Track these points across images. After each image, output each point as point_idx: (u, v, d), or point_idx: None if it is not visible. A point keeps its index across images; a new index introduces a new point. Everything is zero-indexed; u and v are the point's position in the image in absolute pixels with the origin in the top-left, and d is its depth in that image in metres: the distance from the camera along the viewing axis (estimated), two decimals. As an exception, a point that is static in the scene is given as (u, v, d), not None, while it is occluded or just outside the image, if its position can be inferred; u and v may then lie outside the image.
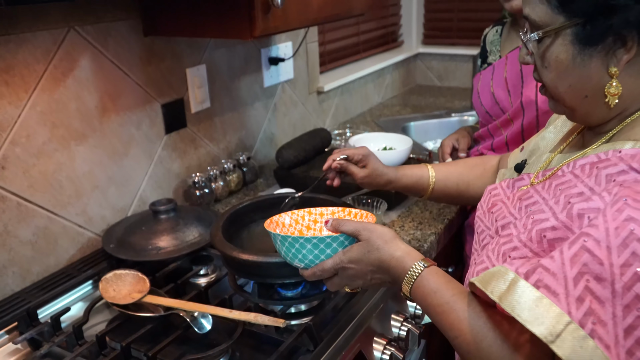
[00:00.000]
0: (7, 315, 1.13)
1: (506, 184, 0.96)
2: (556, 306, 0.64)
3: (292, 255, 0.89)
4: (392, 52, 2.89)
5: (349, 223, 0.88)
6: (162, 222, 1.32)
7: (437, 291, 0.78)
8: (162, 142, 1.54)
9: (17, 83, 1.18)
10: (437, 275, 0.80)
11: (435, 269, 0.81)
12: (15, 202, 1.21)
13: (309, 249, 0.87)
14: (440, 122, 2.40)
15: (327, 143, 1.77)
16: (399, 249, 0.84)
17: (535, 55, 0.80)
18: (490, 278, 0.71)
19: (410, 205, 1.56)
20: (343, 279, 0.89)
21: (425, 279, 0.80)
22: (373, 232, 0.85)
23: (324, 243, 0.86)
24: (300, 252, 0.87)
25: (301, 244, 0.86)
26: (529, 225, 0.78)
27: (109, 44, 1.35)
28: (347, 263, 0.86)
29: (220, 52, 1.68)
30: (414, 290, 0.81)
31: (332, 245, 0.87)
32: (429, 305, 0.79)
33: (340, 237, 0.87)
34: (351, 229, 0.87)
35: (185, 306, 1.04)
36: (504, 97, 1.38)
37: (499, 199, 0.94)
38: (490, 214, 0.93)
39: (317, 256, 0.87)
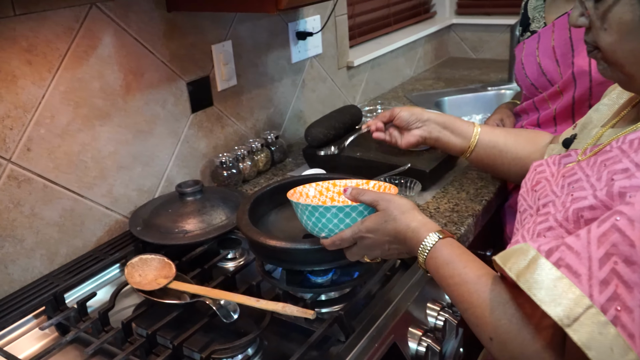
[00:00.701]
0: (35, 300, 1.12)
1: (552, 160, 0.89)
2: (576, 287, 0.59)
3: (313, 224, 0.91)
4: (424, 24, 2.79)
5: (368, 193, 0.88)
6: (189, 204, 1.28)
7: (450, 262, 0.78)
8: (188, 121, 1.51)
9: (40, 62, 1.15)
10: (451, 247, 0.80)
11: (450, 240, 0.81)
12: (41, 184, 1.19)
13: (329, 217, 0.88)
14: (476, 96, 2.31)
15: (358, 120, 1.71)
16: (416, 220, 0.84)
17: (593, 16, 0.72)
18: (511, 255, 0.67)
19: (445, 185, 1.49)
20: (361, 248, 0.89)
21: (439, 250, 0.80)
22: (391, 202, 0.86)
23: (343, 212, 0.88)
24: (320, 220, 0.89)
25: (321, 212, 0.88)
26: (567, 204, 0.72)
27: (132, 20, 1.30)
28: (364, 232, 0.87)
29: (246, 27, 1.63)
30: (428, 262, 0.81)
31: (351, 215, 0.88)
32: (442, 276, 0.79)
33: (360, 206, 0.88)
34: (370, 198, 0.87)
35: (211, 293, 1.00)
36: (552, 67, 1.29)
37: (544, 176, 0.88)
38: (533, 192, 0.87)
39: (337, 225, 0.89)
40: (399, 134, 1.24)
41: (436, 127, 1.20)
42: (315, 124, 1.59)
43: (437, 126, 1.20)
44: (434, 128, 1.21)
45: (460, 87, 2.39)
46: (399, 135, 1.24)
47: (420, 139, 1.22)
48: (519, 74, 1.40)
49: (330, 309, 1.07)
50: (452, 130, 1.20)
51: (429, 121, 1.20)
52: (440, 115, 1.21)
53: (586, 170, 0.76)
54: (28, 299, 1.12)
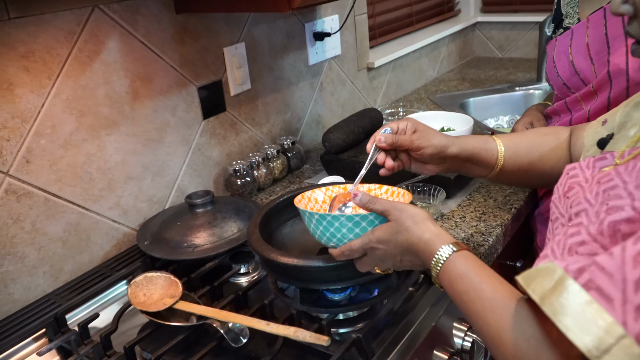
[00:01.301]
0: (36, 320, 1.06)
1: (586, 163, 0.80)
2: (608, 314, 0.51)
3: (320, 233, 0.87)
4: (448, 22, 2.69)
5: (380, 201, 0.83)
6: (199, 216, 1.22)
7: (464, 277, 0.73)
8: (200, 128, 1.44)
9: (39, 69, 1.09)
10: (466, 260, 0.74)
11: (465, 253, 0.76)
12: (42, 197, 1.13)
13: (337, 227, 0.84)
14: (502, 97, 2.20)
15: (378, 124, 1.62)
16: (429, 231, 0.79)
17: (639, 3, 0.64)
18: (536, 275, 0.59)
19: (471, 192, 1.40)
20: (372, 259, 0.85)
21: (453, 264, 0.75)
22: (403, 211, 0.81)
23: (353, 222, 0.83)
24: (328, 230, 0.85)
25: (329, 221, 0.84)
26: (601, 214, 0.63)
27: (138, 22, 1.24)
28: (375, 243, 0.82)
29: (260, 28, 1.55)
30: (441, 276, 0.76)
31: (361, 224, 0.83)
32: (455, 292, 0.74)
33: (370, 215, 0.83)
34: (381, 207, 0.82)
35: (219, 315, 0.93)
36: (585, 66, 1.19)
37: (577, 181, 0.78)
38: (565, 199, 0.78)
39: (346, 235, 0.84)
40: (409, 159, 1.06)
41: (458, 162, 1.06)
42: (333, 128, 1.52)
43: (459, 161, 1.06)
44: (455, 163, 1.06)
45: (486, 88, 2.29)
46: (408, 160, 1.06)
47: (434, 173, 1.07)
48: (550, 73, 1.30)
49: (349, 329, 0.99)
50: (475, 162, 1.06)
51: (450, 159, 1.04)
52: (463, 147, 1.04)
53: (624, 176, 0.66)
54: (29, 320, 1.06)
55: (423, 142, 1.01)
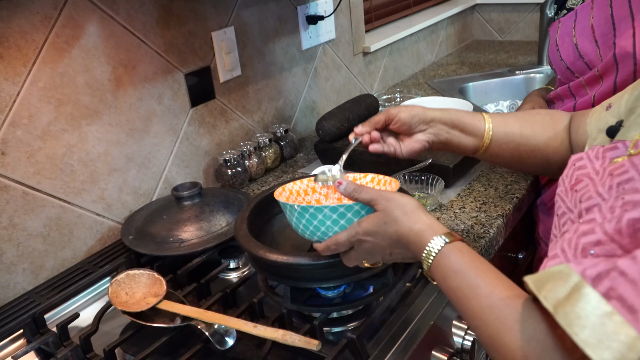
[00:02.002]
0: (14, 320, 1.01)
1: (594, 153, 0.73)
2: (631, 327, 0.46)
3: (304, 227, 0.81)
4: (447, 5, 2.62)
5: (366, 190, 0.78)
6: (186, 209, 1.16)
7: (459, 271, 0.68)
8: (188, 117, 1.38)
9: (13, 55, 1.03)
10: (460, 253, 0.69)
11: (459, 245, 0.71)
12: (20, 191, 1.07)
13: (321, 219, 0.78)
14: (503, 81, 2.14)
15: (374, 110, 1.56)
16: (420, 221, 0.73)
17: None
18: (548, 279, 0.54)
19: (471, 181, 1.34)
20: (360, 253, 0.79)
21: (446, 257, 0.70)
22: (391, 201, 0.75)
23: (337, 213, 0.78)
24: (312, 223, 0.79)
25: (312, 214, 0.78)
26: (617, 210, 0.57)
27: (120, 6, 1.18)
28: (362, 235, 0.77)
29: (250, 11, 1.49)
30: (433, 270, 0.71)
31: (347, 216, 0.78)
32: (449, 287, 0.69)
33: (355, 205, 0.78)
34: (367, 197, 0.77)
35: (203, 316, 0.88)
36: (590, 49, 1.13)
37: (585, 173, 0.72)
38: (573, 193, 0.72)
39: (330, 227, 0.79)
40: (397, 140, 0.99)
41: (443, 127, 0.97)
42: (327, 116, 1.46)
43: (444, 127, 0.97)
44: (441, 129, 0.98)
45: (485, 72, 2.22)
46: (397, 142, 0.99)
47: (425, 144, 0.98)
48: (553, 56, 1.24)
49: (343, 328, 0.94)
50: (461, 128, 0.98)
51: (434, 121, 0.97)
52: (445, 112, 0.98)
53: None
54: (7, 320, 1.01)
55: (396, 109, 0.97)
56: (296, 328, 0.91)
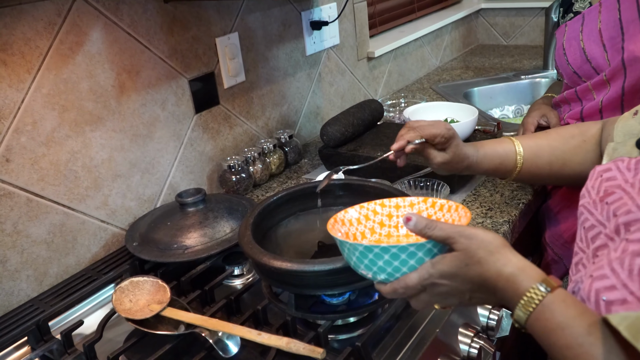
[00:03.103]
0: (18, 327, 1.00)
1: (625, 165, 0.71)
2: None
3: (366, 267, 0.71)
4: (451, 10, 2.61)
5: (440, 226, 0.67)
6: (190, 215, 1.15)
7: (567, 327, 0.59)
8: (192, 122, 1.37)
9: (17, 62, 1.03)
10: (564, 304, 0.60)
11: (562, 293, 0.62)
12: (24, 198, 1.07)
13: (387, 260, 0.68)
14: (508, 85, 2.13)
15: (379, 116, 1.56)
16: (510, 264, 0.64)
17: None
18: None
19: (477, 187, 1.33)
20: (432, 296, 0.70)
21: (549, 309, 0.61)
22: (473, 239, 0.66)
23: (407, 253, 0.68)
24: (376, 263, 0.69)
25: (376, 254, 0.68)
26: None
27: (123, 12, 1.18)
28: (437, 278, 0.68)
29: (254, 17, 1.49)
30: (533, 322, 0.62)
31: (417, 255, 0.68)
32: (554, 344, 0.60)
33: (428, 244, 0.68)
34: (443, 234, 0.67)
35: (207, 324, 0.87)
36: (598, 53, 1.12)
37: (616, 184, 0.70)
38: (604, 205, 0.69)
39: (398, 268, 0.69)
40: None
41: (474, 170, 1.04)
42: (332, 121, 1.45)
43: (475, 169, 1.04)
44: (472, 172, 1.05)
45: (490, 77, 2.22)
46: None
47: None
48: (560, 60, 1.23)
49: (348, 335, 0.94)
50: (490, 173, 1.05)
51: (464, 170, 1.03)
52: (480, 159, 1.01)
53: None
54: (11, 327, 1.00)
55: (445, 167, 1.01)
56: (300, 336, 0.90)
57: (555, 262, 1.29)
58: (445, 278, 0.68)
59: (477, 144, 1.03)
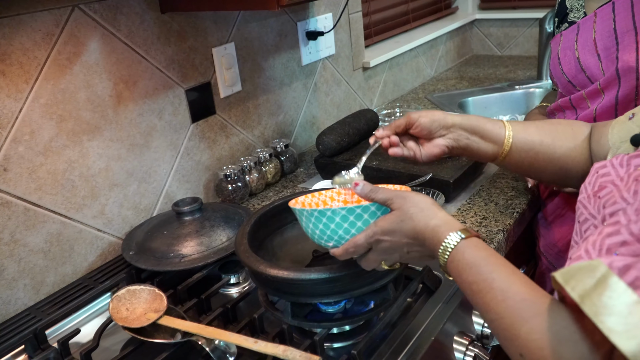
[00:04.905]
0: (15, 336, 1.00)
1: (618, 161, 0.73)
2: None
3: (320, 232, 0.80)
4: (445, 20, 2.64)
5: (382, 190, 0.78)
6: (186, 224, 1.16)
7: (474, 266, 0.69)
8: (189, 132, 1.38)
9: (15, 73, 1.04)
10: (476, 248, 0.70)
11: (475, 240, 0.71)
12: (22, 207, 1.07)
13: (338, 222, 0.78)
14: (502, 95, 2.15)
15: (374, 125, 1.57)
16: (436, 217, 0.74)
17: None
18: (576, 272, 0.54)
19: (471, 196, 1.34)
20: (378, 253, 0.79)
21: (461, 252, 0.70)
22: (407, 199, 0.76)
23: (354, 214, 0.78)
24: (329, 227, 0.79)
25: (329, 217, 0.78)
26: None
27: (121, 23, 1.19)
28: (380, 235, 0.77)
29: (250, 27, 1.50)
30: (449, 265, 0.72)
31: (363, 217, 0.78)
32: (464, 282, 0.70)
33: (372, 206, 0.78)
34: (383, 197, 0.78)
35: (204, 332, 0.87)
36: (592, 62, 1.13)
37: (609, 180, 0.72)
38: (597, 199, 0.72)
39: (348, 230, 0.79)
40: (417, 144, 1.02)
41: (463, 133, 0.99)
42: (327, 131, 1.46)
43: (464, 132, 0.99)
44: (461, 135, 0.99)
45: (485, 87, 2.24)
46: (417, 147, 1.01)
47: (445, 149, 1.00)
48: (555, 69, 1.24)
49: (344, 343, 0.94)
50: (481, 135, 0.99)
51: (455, 127, 0.99)
52: (465, 118, 1.00)
53: None
54: (8, 335, 1.01)
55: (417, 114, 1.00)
56: (297, 344, 0.91)
57: (550, 271, 1.30)
58: (386, 234, 0.76)
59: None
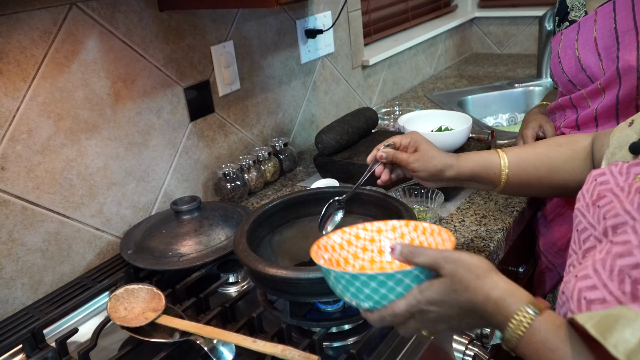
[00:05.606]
0: (13, 335, 1.00)
1: (618, 169, 0.72)
2: None
3: (352, 295, 0.69)
4: (445, 18, 2.63)
5: (425, 252, 0.67)
6: (185, 223, 1.16)
7: (558, 348, 0.59)
8: (187, 130, 1.38)
9: (12, 71, 1.03)
10: (554, 327, 0.60)
11: (550, 315, 0.62)
12: (19, 206, 1.07)
13: (374, 288, 0.67)
14: (502, 94, 2.15)
15: (373, 124, 1.56)
16: (497, 287, 0.64)
17: None
18: (612, 324, 0.51)
19: (471, 195, 1.34)
20: (421, 323, 0.69)
21: (539, 332, 0.60)
22: (459, 264, 0.66)
23: (393, 280, 0.67)
24: (362, 291, 0.68)
25: (363, 282, 0.67)
26: None
27: (119, 21, 1.18)
28: (425, 305, 0.67)
29: (249, 25, 1.50)
30: (523, 345, 0.62)
31: (404, 282, 0.67)
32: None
33: (415, 270, 0.67)
34: (429, 260, 0.67)
35: (202, 331, 0.87)
36: (593, 62, 1.13)
37: (608, 188, 0.71)
38: (596, 208, 0.70)
39: (385, 296, 0.68)
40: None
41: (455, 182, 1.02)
42: (326, 129, 1.46)
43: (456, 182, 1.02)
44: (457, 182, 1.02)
45: (484, 85, 2.23)
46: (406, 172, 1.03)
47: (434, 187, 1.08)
48: (555, 68, 1.24)
49: (343, 343, 0.94)
50: (476, 181, 1.01)
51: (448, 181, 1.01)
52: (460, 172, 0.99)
53: None
54: (6, 335, 1.00)
55: (418, 166, 0.98)
56: (296, 343, 0.91)
57: (549, 269, 1.30)
58: (433, 304, 0.67)
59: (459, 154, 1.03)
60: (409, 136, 1.01)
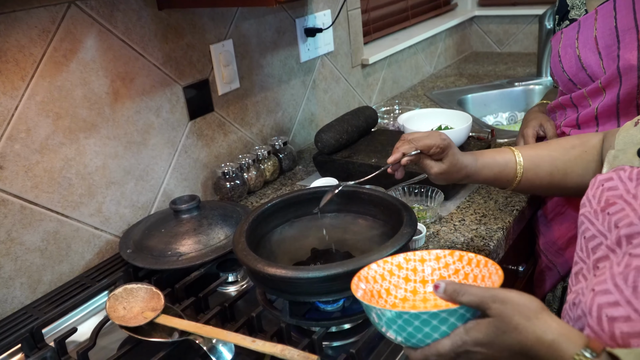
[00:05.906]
0: (12, 335, 1.00)
1: (627, 174, 0.70)
2: None
3: (394, 332, 0.67)
4: (445, 17, 2.63)
5: (471, 291, 0.64)
6: (184, 222, 1.15)
7: None
8: (186, 129, 1.38)
9: (11, 70, 1.03)
10: None
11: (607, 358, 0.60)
12: (18, 205, 1.07)
13: (417, 326, 0.65)
14: (502, 92, 2.14)
15: (373, 123, 1.56)
16: (550, 330, 0.61)
17: None
18: None
19: (471, 193, 1.34)
20: None
21: None
22: (507, 304, 0.63)
23: (438, 319, 0.64)
24: (405, 329, 0.66)
25: (405, 320, 0.65)
26: None
27: (117, 19, 1.18)
28: (471, 346, 0.64)
29: (248, 24, 1.49)
30: None
31: (449, 321, 0.65)
32: None
33: (460, 309, 0.65)
34: (475, 300, 0.64)
35: (201, 331, 0.87)
36: (593, 60, 1.12)
37: (618, 194, 0.69)
38: (605, 215, 0.69)
39: (429, 335, 0.65)
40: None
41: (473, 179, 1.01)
42: (326, 128, 1.45)
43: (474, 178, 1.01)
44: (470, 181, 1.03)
45: (484, 84, 2.23)
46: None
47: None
48: (555, 67, 1.24)
49: (342, 342, 0.94)
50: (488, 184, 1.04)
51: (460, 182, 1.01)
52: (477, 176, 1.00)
53: None
54: (4, 334, 1.00)
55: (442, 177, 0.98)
56: (295, 342, 0.91)
57: (549, 269, 1.29)
58: (480, 346, 0.64)
59: (476, 153, 1.02)
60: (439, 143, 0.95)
